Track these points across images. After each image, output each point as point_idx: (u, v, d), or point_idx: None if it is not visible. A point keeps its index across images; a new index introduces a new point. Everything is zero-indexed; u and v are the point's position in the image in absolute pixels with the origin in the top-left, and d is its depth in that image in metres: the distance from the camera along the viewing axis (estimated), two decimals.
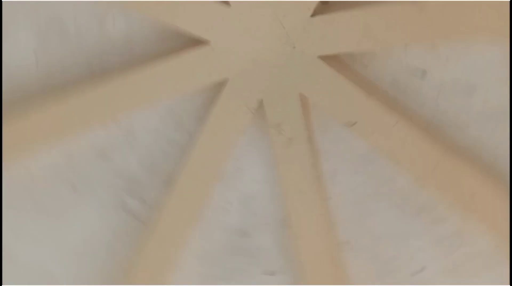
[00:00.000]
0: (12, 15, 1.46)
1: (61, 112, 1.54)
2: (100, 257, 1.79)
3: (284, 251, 1.77)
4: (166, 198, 1.73)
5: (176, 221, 1.69)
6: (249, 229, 1.81)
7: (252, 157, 1.71)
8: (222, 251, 1.81)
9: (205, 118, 1.67)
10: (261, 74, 1.51)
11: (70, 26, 1.51)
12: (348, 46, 1.40)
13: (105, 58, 1.57)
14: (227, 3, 1.39)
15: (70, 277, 1.76)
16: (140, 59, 1.58)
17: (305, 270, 1.69)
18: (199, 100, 1.67)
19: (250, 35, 1.44)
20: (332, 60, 1.47)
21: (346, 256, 1.70)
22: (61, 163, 1.66)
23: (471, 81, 1.43)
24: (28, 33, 1.50)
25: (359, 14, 1.37)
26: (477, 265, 1.61)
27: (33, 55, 1.52)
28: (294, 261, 1.75)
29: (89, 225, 1.77)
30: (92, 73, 1.58)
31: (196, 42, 1.50)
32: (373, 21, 1.35)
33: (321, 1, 1.37)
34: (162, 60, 1.54)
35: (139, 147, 1.73)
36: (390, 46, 1.40)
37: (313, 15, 1.40)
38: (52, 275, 1.74)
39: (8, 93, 1.55)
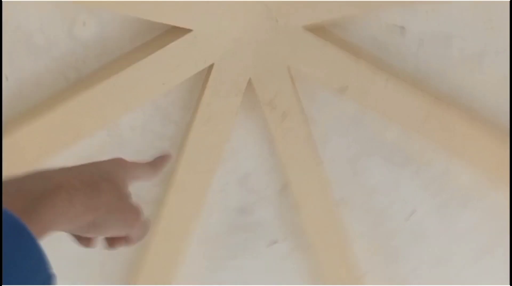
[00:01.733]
0: None
1: (39, 130, 1.33)
2: (103, 261, 1.62)
3: (284, 221, 1.71)
4: (165, 195, 1.58)
5: (179, 216, 1.55)
6: (248, 206, 1.72)
7: (242, 136, 1.59)
8: (224, 231, 1.72)
9: (193, 107, 1.52)
10: (247, 53, 1.38)
11: (38, 37, 1.28)
12: (330, 12, 1.28)
13: (80, 65, 1.35)
14: None
15: (70, 279, 1.58)
16: (118, 59, 1.38)
17: (308, 234, 1.62)
18: (183, 90, 1.50)
19: (232, 16, 1.31)
20: (315, 28, 1.35)
21: (342, 213, 1.66)
22: None
23: (448, 32, 1.37)
24: None
25: None
26: (462, 200, 1.63)
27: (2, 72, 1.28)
28: (296, 228, 1.69)
29: None
30: (68, 83, 1.36)
31: (175, 31, 1.33)
32: None
33: None
34: (142, 56, 1.36)
35: (128, 147, 1.55)
36: (374, 8, 1.31)
37: None
38: None
39: None
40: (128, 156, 1.62)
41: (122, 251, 1.63)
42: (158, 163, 0.68)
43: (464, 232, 1.68)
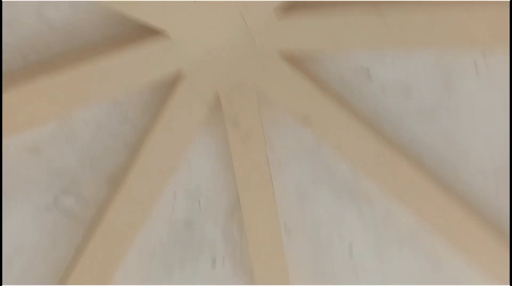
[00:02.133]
0: None
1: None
2: (36, 261, 1.49)
3: (229, 240, 1.66)
4: (110, 197, 1.49)
5: (122, 221, 1.46)
6: (194, 220, 1.65)
7: (200, 149, 1.54)
8: (166, 243, 1.64)
9: (155, 112, 1.46)
10: (219, 67, 1.34)
11: (5, 9, 1.17)
12: (308, 44, 1.30)
13: (43, 47, 1.25)
14: None
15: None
16: (85, 49, 1.29)
17: (250, 256, 1.58)
18: (146, 92, 1.44)
19: (209, 26, 1.27)
20: (289, 57, 1.35)
21: (285, 239, 1.64)
22: None
23: (409, 82, 1.42)
24: None
25: (322, 15, 1.30)
26: (400, 241, 1.66)
27: None
28: (239, 249, 1.65)
29: (22, 230, 1.45)
30: (26, 63, 1.26)
31: (150, 31, 1.28)
32: (335, 24, 1.29)
33: (286, 0, 1.23)
34: (110, 50, 1.28)
35: (77, 141, 1.45)
36: (349, 49, 1.33)
37: (276, 12, 1.26)
38: None
39: None
40: (76, 152, 1.52)
41: (55, 249, 1.51)
42: None
43: (399, 271, 1.69)
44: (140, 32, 1.31)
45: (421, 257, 1.67)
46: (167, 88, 1.44)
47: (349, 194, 1.67)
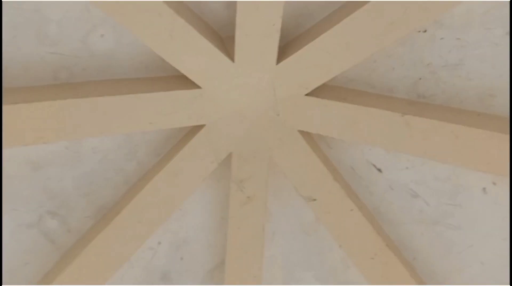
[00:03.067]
0: None
1: (15, 114, 1.20)
2: (4, 282, 1.41)
3: None
4: (94, 230, 1.43)
5: (99, 257, 1.40)
6: (172, 273, 1.59)
7: (197, 202, 1.52)
8: None
9: (165, 155, 1.44)
10: (239, 129, 1.35)
11: (53, 27, 1.19)
12: (329, 131, 1.33)
13: (77, 70, 1.27)
14: (232, 58, 1.24)
15: None
16: (116, 82, 1.30)
17: None
18: (161, 135, 1.43)
19: (241, 91, 1.29)
20: (307, 135, 1.37)
21: None
22: None
23: (415, 190, 1.43)
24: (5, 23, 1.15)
25: (349, 108, 1.31)
26: None
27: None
28: None
29: None
30: (55, 82, 1.26)
31: (184, 82, 1.29)
32: (360, 118, 1.30)
33: (320, 85, 1.26)
34: (142, 89, 1.29)
35: (80, 166, 1.43)
36: (368, 144, 1.35)
37: (307, 94, 1.29)
38: None
39: None
40: (75, 176, 1.49)
41: (24, 270, 1.42)
42: None
43: None
44: (174, 80, 1.33)
45: None
46: (184, 135, 1.44)
47: (335, 284, 1.63)
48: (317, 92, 1.35)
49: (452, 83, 1.34)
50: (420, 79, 1.34)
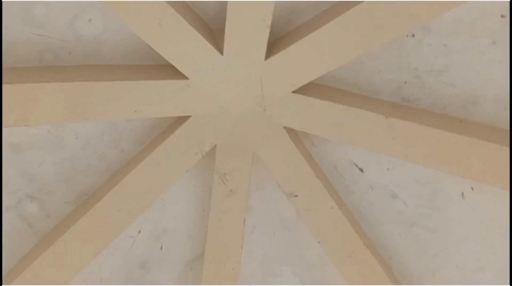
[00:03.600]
0: None
1: None
2: None
3: None
4: (73, 216, 1.42)
5: (77, 243, 1.39)
6: (149, 263, 1.59)
7: (179, 193, 1.51)
8: (113, 278, 1.55)
9: (149, 144, 1.43)
10: (224, 122, 1.35)
11: (40, 9, 1.17)
12: (314, 128, 1.33)
13: (63, 54, 1.25)
14: (221, 50, 1.24)
15: None
16: (103, 68, 1.29)
17: None
18: (145, 123, 1.42)
19: (229, 84, 1.29)
20: (291, 132, 1.37)
21: None
22: None
23: (395, 192, 1.45)
24: None
25: (335, 107, 1.32)
26: None
27: None
28: None
29: None
30: (40, 63, 1.24)
31: (172, 72, 1.28)
32: (345, 118, 1.30)
33: (307, 83, 1.27)
34: (127, 76, 1.28)
35: (61, 151, 1.41)
36: (351, 144, 1.36)
37: (294, 91, 1.30)
38: None
39: None
40: (56, 161, 1.47)
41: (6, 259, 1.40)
42: None
43: None
44: (162, 68, 1.32)
45: None
46: (169, 125, 1.43)
47: (312, 280, 1.64)
48: (304, 90, 1.35)
49: (437, 88, 1.35)
50: (405, 82, 1.35)
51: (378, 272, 1.50)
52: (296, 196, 1.44)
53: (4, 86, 1.20)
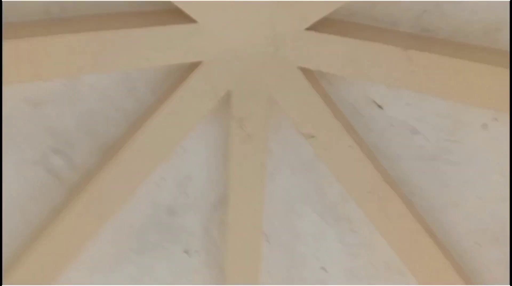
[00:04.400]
0: None
1: (7, 49, 1.19)
2: (11, 212, 1.45)
3: (207, 233, 1.63)
4: (99, 167, 1.45)
5: (105, 193, 1.43)
6: (176, 207, 1.63)
7: (198, 139, 1.52)
8: (143, 224, 1.61)
9: (164, 93, 1.43)
10: (238, 66, 1.32)
11: None
12: (330, 67, 1.28)
13: (69, 5, 1.22)
14: None
15: None
16: (110, 16, 1.26)
17: (227, 255, 1.57)
18: (160, 73, 1.41)
19: (240, 25, 1.24)
20: (308, 72, 1.33)
21: (263, 246, 1.63)
22: None
23: (415, 127, 1.41)
24: None
25: (351, 42, 1.26)
26: (374, 275, 1.66)
27: None
28: (214, 244, 1.63)
29: (3, 179, 1.41)
30: (47, 17, 1.21)
31: (180, 15, 1.24)
32: (362, 53, 1.26)
33: (321, 19, 1.21)
34: (137, 24, 1.25)
35: (78, 104, 1.41)
36: (369, 81, 1.31)
37: (308, 28, 1.24)
38: None
39: None
40: (76, 114, 1.48)
41: (31, 205, 1.46)
42: None
43: None
44: (170, 13, 1.28)
45: None
46: (182, 72, 1.41)
47: (333, 218, 1.66)
48: (318, 26, 1.29)
49: (458, 16, 1.27)
50: (424, 11, 1.27)
51: (399, 207, 1.50)
52: (313, 136, 1.42)
53: (13, 41, 1.19)
